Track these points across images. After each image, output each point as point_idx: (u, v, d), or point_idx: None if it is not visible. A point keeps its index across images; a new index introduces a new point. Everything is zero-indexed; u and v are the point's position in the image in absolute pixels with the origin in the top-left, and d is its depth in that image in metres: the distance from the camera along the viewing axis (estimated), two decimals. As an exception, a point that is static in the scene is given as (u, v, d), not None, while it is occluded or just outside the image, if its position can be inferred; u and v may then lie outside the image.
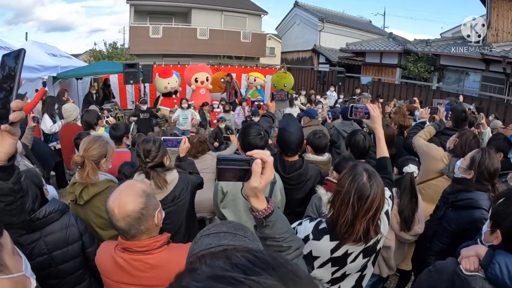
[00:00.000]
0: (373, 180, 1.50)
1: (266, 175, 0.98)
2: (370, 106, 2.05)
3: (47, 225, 1.81)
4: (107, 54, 20.44)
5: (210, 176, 3.51)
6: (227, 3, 23.37)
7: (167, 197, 2.24)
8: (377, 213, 1.51)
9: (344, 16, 23.35)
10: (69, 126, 4.82)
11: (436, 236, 2.42)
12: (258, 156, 0.97)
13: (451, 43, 13.64)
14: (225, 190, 2.34)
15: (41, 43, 10.40)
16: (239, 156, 1.00)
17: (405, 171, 2.58)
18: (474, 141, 2.86)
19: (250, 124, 2.51)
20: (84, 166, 2.20)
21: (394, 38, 16.54)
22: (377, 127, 2.02)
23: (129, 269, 1.48)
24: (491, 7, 12.28)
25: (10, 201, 1.04)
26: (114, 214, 1.41)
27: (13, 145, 0.95)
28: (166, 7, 21.95)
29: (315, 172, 2.70)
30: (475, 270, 1.46)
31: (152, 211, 1.49)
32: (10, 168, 0.99)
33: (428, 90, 12.92)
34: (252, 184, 0.98)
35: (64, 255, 1.86)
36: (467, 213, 2.20)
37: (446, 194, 2.48)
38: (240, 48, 22.20)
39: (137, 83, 9.28)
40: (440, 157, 2.96)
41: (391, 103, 7.73)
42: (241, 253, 0.46)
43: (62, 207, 1.90)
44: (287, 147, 2.56)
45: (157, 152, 2.22)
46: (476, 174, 2.21)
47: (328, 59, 18.51)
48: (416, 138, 3.31)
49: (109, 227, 2.18)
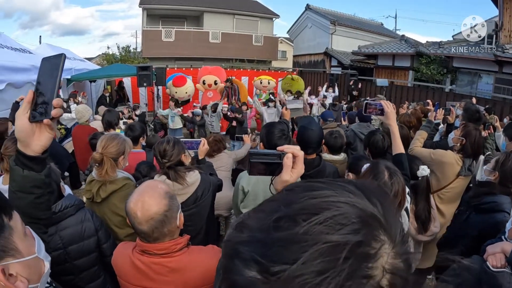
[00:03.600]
0: (394, 178, 1.51)
1: (297, 169, 1.00)
2: (384, 103, 2.06)
3: (63, 219, 1.81)
4: (120, 57, 20.74)
5: (226, 174, 3.54)
6: (239, 6, 23.54)
7: (189, 198, 2.22)
8: (399, 210, 1.52)
9: (356, 19, 23.25)
10: (82, 127, 4.89)
11: (459, 240, 2.38)
12: (289, 151, 0.99)
13: (464, 45, 13.49)
14: (246, 189, 2.34)
15: (55, 46, 10.64)
16: (270, 151, 1.01)
17: (420, 175, 2.52)
18: (481, 136, 2.88)
19: (274, 123, 2.52)
20: (102, 163, 2.21)
21: (406, 40, 16.38)
22: (391, 123, 2.04)
23: (149, 273, 1.44)
24: (503, 8, 12.13)
25: (40, 194, 1.05)
26: (137, 217, 1.36)
27: (49, 139, 1.00)
28: (179, 11, 22.23)
29: (333, 170, 2.72)
30: (502, 267, 1.46)
31: (175, 213, 1.45)
32: (44, 160, 1.03)
33: (441, 93, 12.74)
34: (283, 178, 0.98)
35: (79, 250, 1.86)
36: (490, 216, 2.18)
37: (468, 198, 2.45)
38: (252, 51, 22.34)
39: (150, 86, 9.36)
40: (454, 160, 2.90)
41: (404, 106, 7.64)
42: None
43: (78, 202, 1.91)
44: (307, 145, 2.55)
45: (172, 151, 2.20)
46: (500, 175, 2.22)
47: (340, 62, 18.44)
48: (414, 150, 3.18)
49: (126, 225, 2.15)
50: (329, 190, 0.45)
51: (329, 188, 0.45)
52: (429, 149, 3.12)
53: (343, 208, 0.42)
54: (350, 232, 0.39)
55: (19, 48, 7.07)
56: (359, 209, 0.42)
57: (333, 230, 0.39)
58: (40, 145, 0.99)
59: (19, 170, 0.99)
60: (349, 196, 0.44)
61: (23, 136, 0.97)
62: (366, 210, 0.42)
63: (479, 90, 12.76)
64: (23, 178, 1.00)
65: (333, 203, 0.42)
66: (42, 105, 0.96)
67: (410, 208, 2.46)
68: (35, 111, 0.96)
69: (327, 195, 0.44)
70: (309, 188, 0.47)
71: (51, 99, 0.95)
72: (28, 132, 0.96)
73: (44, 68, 0.99)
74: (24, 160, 0.99)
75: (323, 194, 0.44)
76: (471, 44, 12.87)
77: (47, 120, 0.96)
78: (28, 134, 0.97)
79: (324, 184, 0.47)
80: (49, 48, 9.96)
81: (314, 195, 0.44)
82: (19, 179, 1.00)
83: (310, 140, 2.56)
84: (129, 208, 1.39)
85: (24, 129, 0.96)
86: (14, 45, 6.97)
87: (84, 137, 3.97)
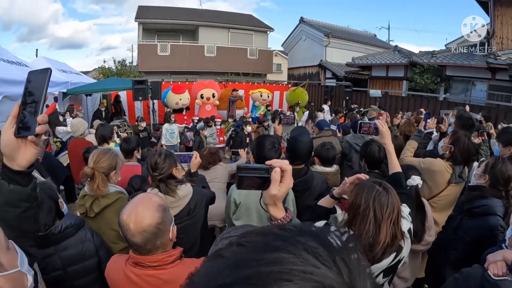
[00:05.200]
0: (383, 186, 1.51)
1: (285, 183, 1.01)
2: (378, 122, 2.06)
3: (63, 240, 1.77)
4: (116, 71, 20.81)
5: (221, 185, 3.57)
6: (233, 20, 23.80)
7: (182, 211, 2.23)
8: (398, 215, 1.51)
9: (349, 31, 23.53)
10: (77, 140, 4.89)
11: (452, 245, 2.38)
12: (277, 165, 1.00)
13: (457, 54, 13.65)
14: (238, 201, 2.35)
15: (51, 60, 10.66)
16: (258, 165, 1.03)
17: (409, 184, 2.53)
18: (470, 142, 2.86)
19: (265, 136, 2.55)
20: (94, 178, 2.22)
21: (399, 51, 16.58)
22: (387, 142, 2.02)
23: (142, 285, 1.44)
24: (494, 15, 12.29)
25: (27, 208, 1.06)
26: (129, 229, 1.36)
27: (35, 155, 1.02)
28: (174, 25, 22.41)
29: (321, 180, 2.72)
30: (503, 275, 1.46)
31: (168, 226, 1.46)
32: (30, 174, 1.05)
33: (435, 101, 12.85)
34: (271, 192, 1.00)
35: (79, 271, 1.82)
36: (483, 220, 2.20)
37: (461, 203, 2.46)
38: (247, 64, 22.45)
39: (146, 100, 9.39)
40: (444, 168, 2.90)
41: (398, 115, 7.70)
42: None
43: (79, 222, 1.87)
44: (296, 156, 2.58)
45: (163, 164, 2.22)
46: (490, 178, 2.24)
47: (335, 73, 18.57)
48: (404, 159, 3.18)
49: (120, 240, 2.16)
50: (285, 253, 0.38)
51: (286, 249, 0.39)
52: (418, 158, 3.13)
53: (295, 281, 0.35)
54: None
55: (16, 61, 7.11)
56: (316, 282, 0.36)
57: None
58: (25, 159, 1.00)
59: (5, 184, 1.00)
60: (307, 262, 0.37)
61: (8, 151, 0.98)
62: (324, 283, 0.36)
63: (473, 97, 12.86)
64: (9, 192, 1.01)
65: (285, 274, 0.36)
66: (27, 120, 0.96)
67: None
68: (20, 126, 0.97)
69: (280, 260, 0.37)
70: (262, 247, 0.40)
71: (36, 115, 0.96)
72: (13, 147, 0.97)
73: (30, 81, 1.00)
74: (10, 174, 1.00)
75: (276, 259, 0.37)
76: (464, 53, 13.05)
77: (31, 137, 0.97)
78: (14, 149, 0.98)
79: (282, 241, 0.40)
80: (45, 61, 9.98)
81: (265, 259, 0.37)
82: (5, 193, 1.01)
83: (299, 151, 2.58)
84: (122, 220, 1.39)
85: (10, 144, 0.97)
86: (11, 58, 7.00)
87: (79, 151, 3.97)
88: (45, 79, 0.98)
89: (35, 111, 0.96)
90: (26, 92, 0.99)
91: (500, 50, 11.86)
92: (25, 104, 0.98)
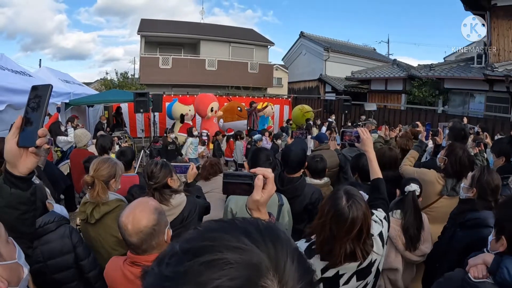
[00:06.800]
0: (351, 202, 1.53)
1: (268, 189, 1.08)
2: (360, 130, 2.11)
3: (43, 234, 1.94)
4: (118, 83, 21.01)
5: (220, 196, 3.61)
6: (234, 35, 24.11)
7: (176, 219, 2.29)
8: (361, 233, 1.53)
9: (349, 45, 23.79)
10: (80, 151, 4.98)
11: (445, 257, 2.39)
12: (260, 172, 1.07)
13: (455, 66, 13.79)
14: (235, 211, 2.43)
15: (55, 70, 10.82)
16: (243, 173, 1.13)
17: (407, 190, 2.58)
18: (464, 156, 2.83)
19: (261, 149, 2.63)
20: (94, 185, 2.28)
21: (398, 64, 16.73)
22: (368, 150, 2.07)
23: (138, 283, 1.49)
24: (491, 27, 12.44)
25: (25, 210, 1.14)
26: (127, 229, 1.48)
27: (35, 163, 1.11)
28: (176, 39, 22.73)
29: (312, 190, 2.79)
30: (483, 278, 1.50)
31: (163, 228, 1.57)
32: (30, 180, 1.14)
33: (433, 114, 12.92)
34: (254, 197, 1.07)
35: (58, 265, 1.98)
36: (475, 231, 2.20)
37: (453, 216, 2.48)
38: (247, 78, 22.68)
39: (147, 112, 9.49)
40: (435, 179, 2.92)
41: (395, 129, 7.77)
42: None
43: (58, 219, 2.03)
44: (286, 164, 2.73)
45: (159, 173, 2.29)
46: (477, 190, 2.24)
47: (334, 87, 18.72)
48: (402, 168, 3.25)
49: (120, 246, 2.22)
50: (224, 233, 0.48)
51: (226, 230, 0.49)
52: (414, 168, 3.19)
53: (226, 253, 0.44)
54: (224, 277, 0.41)
55: (20, 70, 7.25)
56: (244, 255, 0.44)
57: (209, 274, 0.42)
58: (26, 167, 1.09)
59: (7, 188, 1.09)
60: (240, 240, 0.46)
61: (11, 158, 1.07)
62: (251, 257, 0.44)
63: (471, 109, 12.95)
64: (10, 196, 1.09)
65: (218, 247, 0.45)
66: (29, 132, 1.05)
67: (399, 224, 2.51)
68: (22, 137, 1.06)
69: (218, 238, 0.47)
70: (208, 229, 0.50)
71: (37, 128, 1.04)
72: (16, 155, 1.07)
73: (32, 95, 1.08)
74: (12, 179, 1.09)
75: (215, 236, 0.47)
76: (462, 66, 13.18)
77: (32, 148, 1.07)
78: (16, 157, 1.07)
79: (226, 225, 0.51)
80: (48, 71, 10.14)
81: (207, 237, 0.48)
82: (6, 196, 1.09)
83: (288, 159, 2.72)
84: (121, 221, 1.50)
85: (12, 152, 1.06)
86: (15, 67, 7.15)
87: (81, 161, 4.03)
88: (46, 95, 1.07)
89: (37, 124, 1.05)
90: (28, 106, 1.08)
91: (497, 62, 11.99)
92: (27, 117, 1.07)
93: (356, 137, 2.11)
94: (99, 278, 2.07)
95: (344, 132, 2.18)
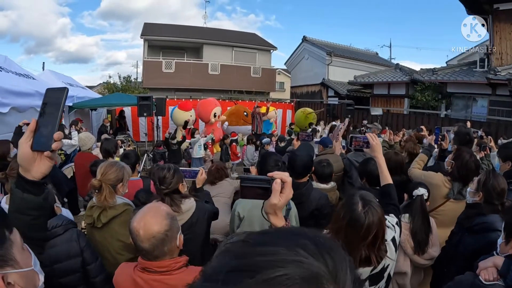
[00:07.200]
0: (368, 208, 1.53)
1: (285, 193, 1.08)
2: (369, 136, 2.11)
3: (51, 238, 1.91)
4: (121, 87, 21.06)
5: (226, 200, 3.63)
6: (237, 39, 24.19)
7: (184, 224, 2.26)
8: (377, 239, 1.54)
9: (351, 49, 23.86)
10: (84, 154, 4.99)
11: (453, 261, 2.39)
12: (278, 176, 1.07)
13: (457, 70, 13.79)
14: (242, 215, 2.42)
15: (58, 73, 10.86)
16: (260, 176, 1.11)
17: (415, 194, 2.59)
18: (471, 160, 2.84)
19: (270, 153, 2.63)
20: (101, 189, 2.27)
21: (401, 68, 16.79)
22: (377, 155, 2.08)
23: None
24: (493, 31, 12.50)
25: (37, 216, 1.12)
26: (139, 235, 1.45)
27: (49, 168, 1.08)
28: (179, 43, 22.80)
29: (319, 195, 2.80)
30: (494, 280, 1.50)
31: (175, 233, 1.54)
32: (43, 185, 1.11)
33: (436, 118, 12.96)
34: (272, 201, 1.07)
35: (64, 269, 1.94)
36: (483, 236, 2.19)
37: (461, 220, 2.48)
38: (250, 82, 22.67)
39: (150, 116, 9.50)
40: (442, 182, 2.94)
41: (399, 133, 7.77)
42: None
43: (66, 223, 2.01)
44: (292, 169, 2.70)
45: (172, 179, 2.26)
46: (484, 194, 2.26)
47: (337, 92, 18.77)
48: (411, 171, 3.27)
49: (126, 251, 2.22)
50: (279, 246, 0.46)
51: (280, 243, 0.47)
52: (422, 171, 3.21)
53: (288, 268, 0.42)
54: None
55: (23, 73, 7.25)
56: (304, 269, 0.43)
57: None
58: (40, 171, 1.06)
59: (19, 193, 1.06)
60: (298, 253, 0.45)
61: (24, 162, 1.05)
62: (312, 270, 0.43)
63: (474, 113, 12.97)
64: (22, 200, 1.07)
65: (279, 262, 0.43)
66: (43, 136, 1.03)
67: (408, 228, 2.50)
68: (37, 141, 1.03)
69: (275, 252, 0.45)
70: (261, 242, 0.48)
71: (52, 132, 1.02)
72: (29, 159, 1.04)
73: (47, 98, 1.07)
74: (24, 184, 1.06)
75: (272, 251, 0.45)
76: (464, 69, 13.17)
77: (47, 152, 1.04)
78: (30, 161, 1.04)
79: (276, 237, 0.49)
80: (52, 74, 10.18)
81: (263, 251, 0.46)
82: (18, 201, 1.07)
83: (294, 164, 2.72)
84: (132, 226, 1.47)
85: (26, 156, 1.04)
86: (19, 70, 7.15)
87: (86, 164, 4.05)
88: (62, 98, 1.05)
89: (52, 128, 1.03)
90: (43, 109, 1.06)
91: (500, 65, 12.02)
92: (42, 120, 1.05)
93: (365, 142, 2.12)
94: (106, 282, 2.05)
95: (353, 138, 2.18)
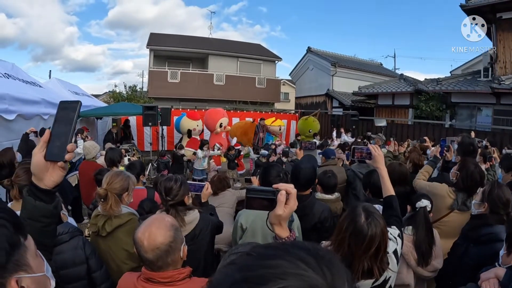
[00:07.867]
0: (371, 219, 1.54)
1: (290, 205, 1.11)
2: (371, 147, 2.12)
3: (57, 245, 1.93)
4: (126, 96, 21.23)
5: (228, 210, 3.66)
6: (242, 50, 24.36)
7: (187, 236, 2.25)
8: (379, 251, 1.54)
9: (356, 60, 23.92)
10: (89, 163, 5.02)
11: (458, 273, 2.37)
12: (283, 188, 1.10)
13: (461, 80, 13.78)
14: (245, 226, 2.41)
15: (64, 81, 10.98)
16: (266, 188, 1.13)
17: (418, 206, 2.58)
18: (476, 171, 2.84)
19: (273, 165, 2.66)
20: (107, 198, 2.28)
21: (405, 79, 16.75)
22: (380, 167, 2.07)
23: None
24: (497, 40, 12.49)
25: (48, 223, 1.15)
26: (143, 246, 1.47)
27: (61, 177, 1.12)
28: (184, 53, 22.97)
29: (322, 208, 2.80)
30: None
31: (179, 245, 1.56)
32: (54, 194, 1.15)
33: (441, 128, 12.90)
34: (277, 212, 1.09)
35: (70, 275, 1.97)
36: (489, 247, 2.19)
37: (466, 231, 2.47)
38: (255, 93, 22.76)
39: (155, 126, 9.57)
40: (446, 193, 2.93)
41: (404, 144, 7.75)
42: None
43: (72, 230, 2.04)
44: (296, 182, 2.68)
45: (178, 190, 2.26)
46: (489, 205, 2.24)
47: (342, 102, 18.74)
48: (416, 182, 3.27)
49: (130, 260, 2.23)
50: (281, 260, 0.48)
51: (282, 257, 0.49)
52: (427, 182, 3.21)
53: (289, 280, 0.44)
54: None
55: (30, 81, 7.33)
56: (304, 281, 0.45)
57: None
58: (52, 180, 1.10)
59: (31, 200, 1.10)
60: (298, 267, 0.47)
61: (37, 171, 1.09)
62: (311, 282, 0.45)
63: (479, 123, 12.91)
64: (34, 208, 1.11)
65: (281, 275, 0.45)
66: (57, 147, 1.07)
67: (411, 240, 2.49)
68: (50, 151, 1.07)
69: (277, 265, 0.47)
70: (263, 256, 0.51)
71: (66, 143, 1.06)
72: (42, 169, 1.08)
73: (61, 110, 1.10)
74: (37, 192, 1.10)
75: (273, 264, 0.47)
76: (469, 79, 13.14)
77: (61, 163, 1.09)
78: (42, 170, 1.08)
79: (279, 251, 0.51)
80: (58, 83, 10.30)
81: (266, 264, 0.48)
82: (30, 208, 1.11)
83: (298, 177, 2.73)
84: (137, 237, 1.49)
85: (39, 166, 1.08)
86: (25, 77, 7.22)
87: (90, 173, 4.08)
88: (75, 110, 1.09)
89: (66, 139, 1.06)
90: (57, 120, 1.09)
91: (504, 74, 12.02)
92: (55, 131, 1.08)
93: (367, 153, 2.12)
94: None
95: (356, 149, 2.19)
